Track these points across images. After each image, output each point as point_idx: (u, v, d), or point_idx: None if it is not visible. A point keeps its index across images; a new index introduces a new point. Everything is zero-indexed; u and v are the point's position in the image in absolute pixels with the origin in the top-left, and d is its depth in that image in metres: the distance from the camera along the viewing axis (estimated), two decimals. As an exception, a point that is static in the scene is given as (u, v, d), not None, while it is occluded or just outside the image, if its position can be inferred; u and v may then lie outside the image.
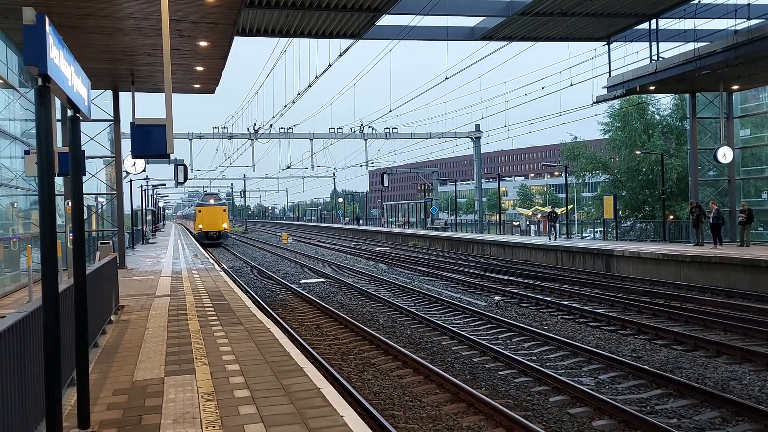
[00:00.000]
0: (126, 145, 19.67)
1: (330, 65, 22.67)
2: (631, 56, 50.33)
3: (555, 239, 31.36)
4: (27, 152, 13.13)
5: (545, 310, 16.38)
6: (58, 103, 12.80)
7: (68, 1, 12.66)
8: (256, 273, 27.95)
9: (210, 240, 48.49)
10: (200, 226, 49.71)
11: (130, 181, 40.45)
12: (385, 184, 51.37)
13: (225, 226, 50.53)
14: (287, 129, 49.80)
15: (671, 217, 35.76)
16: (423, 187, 75.20)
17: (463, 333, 13.18)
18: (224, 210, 51.40)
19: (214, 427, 5.42)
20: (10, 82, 16.85)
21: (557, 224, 32.77)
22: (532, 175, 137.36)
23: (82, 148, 8.38)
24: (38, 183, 4.54)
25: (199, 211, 50.57)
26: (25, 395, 4.61)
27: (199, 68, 18.22)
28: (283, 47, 24.25)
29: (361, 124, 49.76)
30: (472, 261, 30.93)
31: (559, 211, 35.80)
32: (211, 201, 51.74)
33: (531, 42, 25.05)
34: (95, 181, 25.99)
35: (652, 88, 26.25)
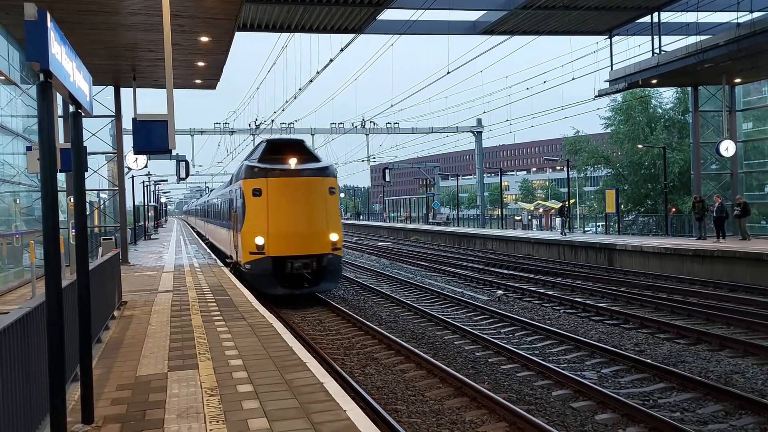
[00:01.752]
0: (128, 141, 19.69)
1: (331, 60, 22.62)
2: (633, 50, 50.26)
3: (565, 233, 31.58)
4: (29, 148, 13.14)
5: (548, 305, 16.38)
6: (59, 99, 12.80)
7: (69, -3, 12.63)
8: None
9: (292, 283, 16.47)
10: (259, 243, 16.38)
11: (132, 177, 40.48)
12: (387, 179, 51.35)
13: (335, 237, 16.96)
14: (289, 124, 49.74)
15: (673, 210, 35.74)
16: (425, 182, 75.12)
17: (465, 327, 13.19)
18: (332, 190, 17.33)
19: (217, 421, 5.43)
20: (12, 79, 16.86)
21: (563, 219, 33.02)
22: (534, 169, 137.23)
23: (84, 144, 8.38)
24: (41, 179, 4.54)
25: (256, 192, 16.61)
26: (30, 391, 4.62)
27: (201, 64, 18.21)
28: (285, 42, 24.24)
29: (363, 119, 49.67)
30: (474, 256, 30.92)
31: (558, 206, 36.12)
32: (292, 162, 16.83)
33: (533, 36, 24.98)
34: (97, 177, 26.04)
35: (654, 81, 26.18)
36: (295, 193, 16.41)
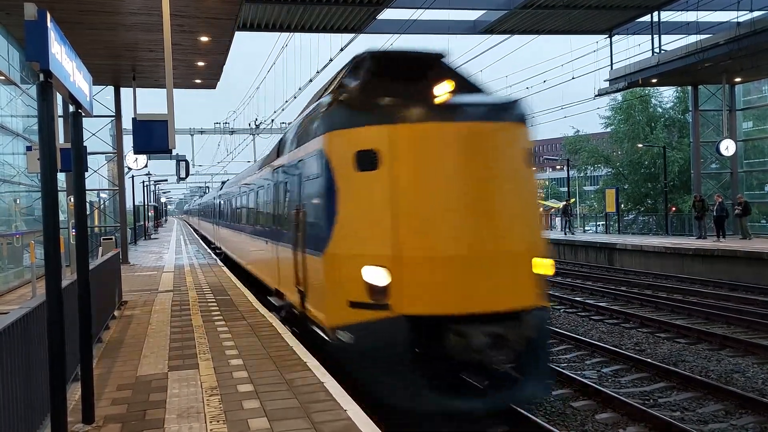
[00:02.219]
0: (128, 141, 19.68)
1: (331, 60, 22.61)
2: (633, 49, 50.23)
3: (566, 233, 31.69)
4: (29, 148, 13.15)
5: (548, 304, 16.38)
6: (59, 98, 12.80)
7: (69, -3, 12.64)
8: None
9: (458, 383, 6.74)
10: (375, 280, 6.75)
11: (132, 176, 40.47)
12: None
13: (544, 267, 7.07)
14: (288, 124, 49.72)
15: (673, 209, 35.81)
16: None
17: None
18: (530, 154, 7.46)
19: (218, 421, 5.43)
20: (12, 79, 16.86)
21: (566, 218, 33.19)
22: (534, 168, 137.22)
23: (84, 144, 8.38)
24: (41, 179, 4.54)
25: (366, 160, 7.04)
26: (30, 391, 4.62)
27: (201, 63, 18.20)
28: (284, 42, 24.21)
29: (363, 119, 49.60)
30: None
31: (561, 204, 36.26)
32: (442, 91, 7.25)
33: (533, 36, 24.97)
34: (97, 176, 26.08)
35: (654, 80, 26.20)
36: (462, 160, 7.08)
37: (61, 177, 18.09)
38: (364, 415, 5.56)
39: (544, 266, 7.12)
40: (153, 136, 7.90)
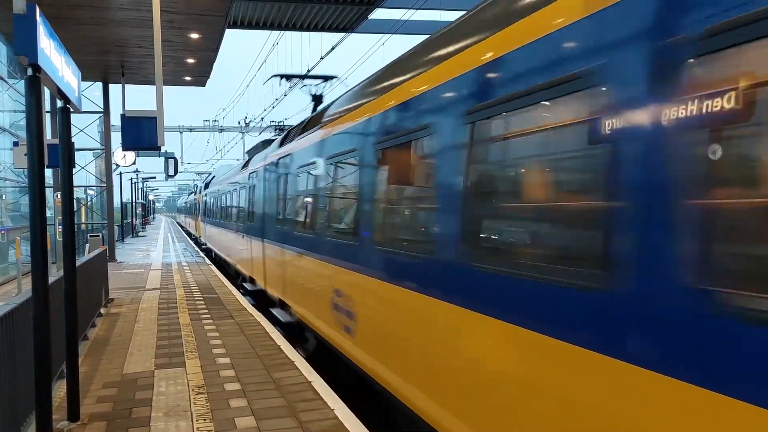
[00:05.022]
0: (116, 138, 19.56)
1: (322, 58, 22.60)
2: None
3: None
4: (16, 144, 13.05)
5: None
6: (47, 94, 12.72)
7: (58, -8, 12.55)
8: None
9: None
10: None
11: (120, 173, 40.24)
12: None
13: None
14: (279, 122, 49.67)
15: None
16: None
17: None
18: None
19: (204, 420, 5.42)
20: (-2, 73, 16.74)
21: None
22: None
23: (72, 140, 8.33)
24: (28, 174, 4.50)
25: None
26: (15, 388, 4.59)
27: (190, 60, 18.13)
28: (275, 40, 24.17)
29: (353, 118, 49.57)
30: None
31: None
32: None
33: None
34: (84, 173, 25.89)
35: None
36: None
37: (48, 173, 17.98)
38: (352, 414, 5.57)
39: None
40: (142, 133, 7.86)
